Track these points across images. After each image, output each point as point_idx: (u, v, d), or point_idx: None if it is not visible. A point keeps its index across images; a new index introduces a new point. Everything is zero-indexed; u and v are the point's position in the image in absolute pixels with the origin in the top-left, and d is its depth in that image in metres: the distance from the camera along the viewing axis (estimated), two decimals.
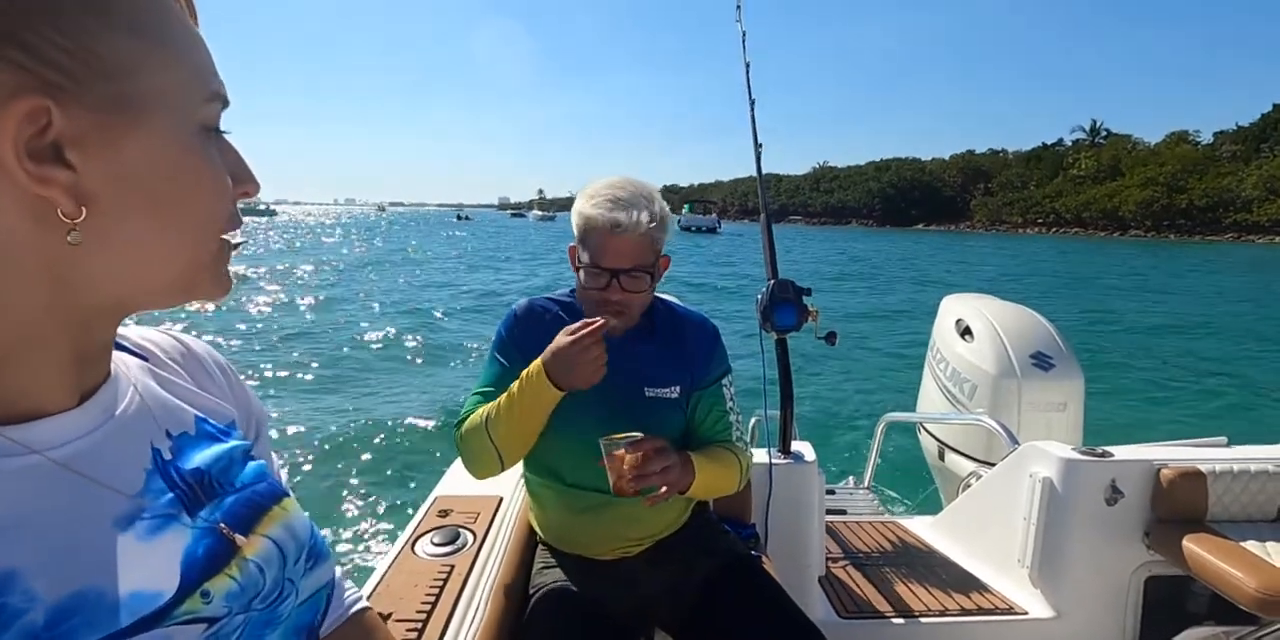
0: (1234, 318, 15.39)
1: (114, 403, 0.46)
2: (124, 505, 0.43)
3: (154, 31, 0.40)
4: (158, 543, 0.44)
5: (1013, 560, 2.10)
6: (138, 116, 0.39)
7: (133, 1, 0.39)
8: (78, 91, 0.36)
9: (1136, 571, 1.94)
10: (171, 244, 0.42)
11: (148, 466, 0.46)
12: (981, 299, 3.15)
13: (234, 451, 0.54)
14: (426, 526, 1.89)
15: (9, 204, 0.35)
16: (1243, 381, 8.94)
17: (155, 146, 0.40)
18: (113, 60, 0.38)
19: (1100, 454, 1.96)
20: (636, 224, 1.27)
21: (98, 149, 0.37)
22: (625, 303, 1.34)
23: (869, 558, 2.34)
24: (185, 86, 0.41)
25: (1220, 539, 1.75)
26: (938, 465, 3.05)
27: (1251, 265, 35.92)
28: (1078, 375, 2.73)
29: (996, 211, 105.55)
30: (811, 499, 2.11)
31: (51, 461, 0.41)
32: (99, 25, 0.37)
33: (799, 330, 2.36)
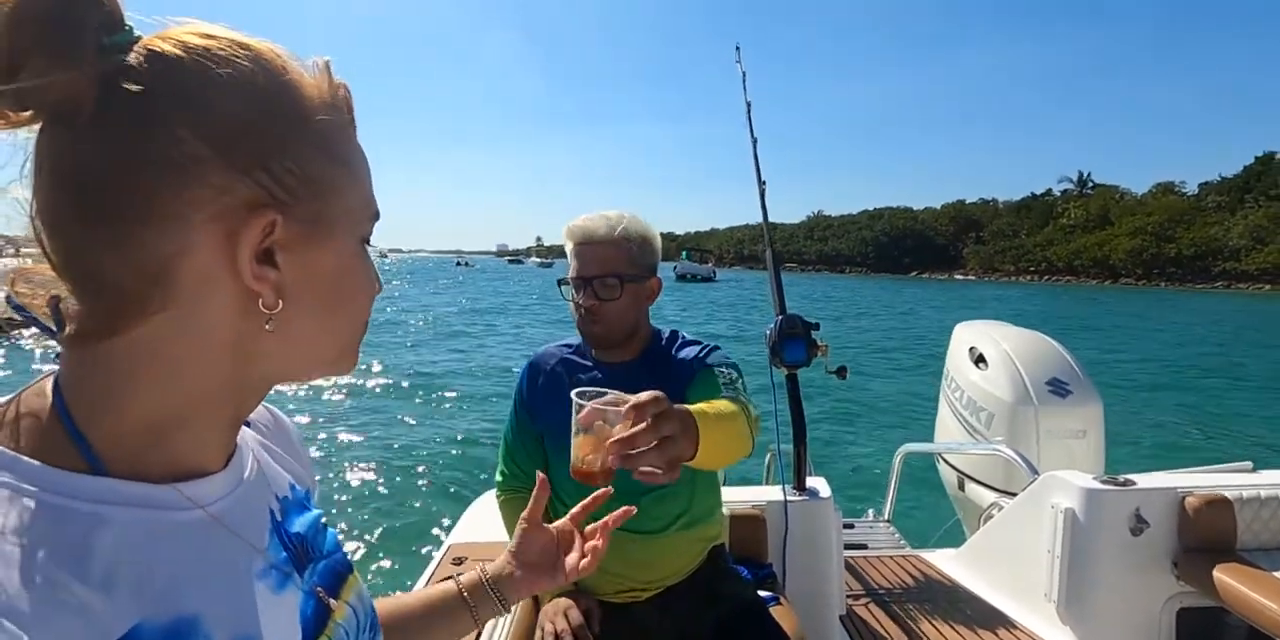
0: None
1: (243, 465, 0.52)
2: (258, 560, 0.49)
3: (346, 159, 0.48)
4: (284, 597, 0.50)
5: (1039, 594, 2.05)
6: (330, 229, 0.47)
7: (339, 133, 0.48)
8: (295, 207, 0.44)
9: (1168, 603, 1.89)
10: (335, 332, 0.50)
11: (269, 526, 0.52)
12: (994, 326, 3.14)
13: (317, 519, 0.60)
14: (442, 574, 1.86)
15: (225, 294, 0.43)
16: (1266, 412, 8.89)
17: (337, 254, 0.48)
18: (323, 183, 0.46)
19: (1122, 483, 1.94)
20: (602, 234, 1.40)
21: (299, 254, 0.45)
22: (598, 310, 1.41)
23: (891, 594, 2.28)
24: (361, 206, 0.50)
25: (1252, 569, 1.71)
26: (958, 496, 3.00)
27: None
28: (1096, 401, 2.69)
29: (989, 259, 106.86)
30: (829, 536, 2.08)
31: (211, 516, 0.46)
32: (319, 153, 0.46)
33: (809, 365, 2.36)
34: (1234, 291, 68.22)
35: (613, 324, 1.43)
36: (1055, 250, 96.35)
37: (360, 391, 9.48)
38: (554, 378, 1.52)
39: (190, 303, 0.42)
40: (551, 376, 1.52)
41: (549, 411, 1.48)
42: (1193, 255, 78.92)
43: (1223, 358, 15.65)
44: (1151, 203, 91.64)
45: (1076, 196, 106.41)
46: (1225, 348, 17.40)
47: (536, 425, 1.52)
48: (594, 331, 1.44)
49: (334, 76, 0.48)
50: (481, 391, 9.77)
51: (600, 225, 1.41)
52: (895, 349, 14.74)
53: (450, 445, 6.90)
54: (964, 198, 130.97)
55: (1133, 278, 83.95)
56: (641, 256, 1.43)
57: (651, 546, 1.45)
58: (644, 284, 1.43)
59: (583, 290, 1.41)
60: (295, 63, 0.46)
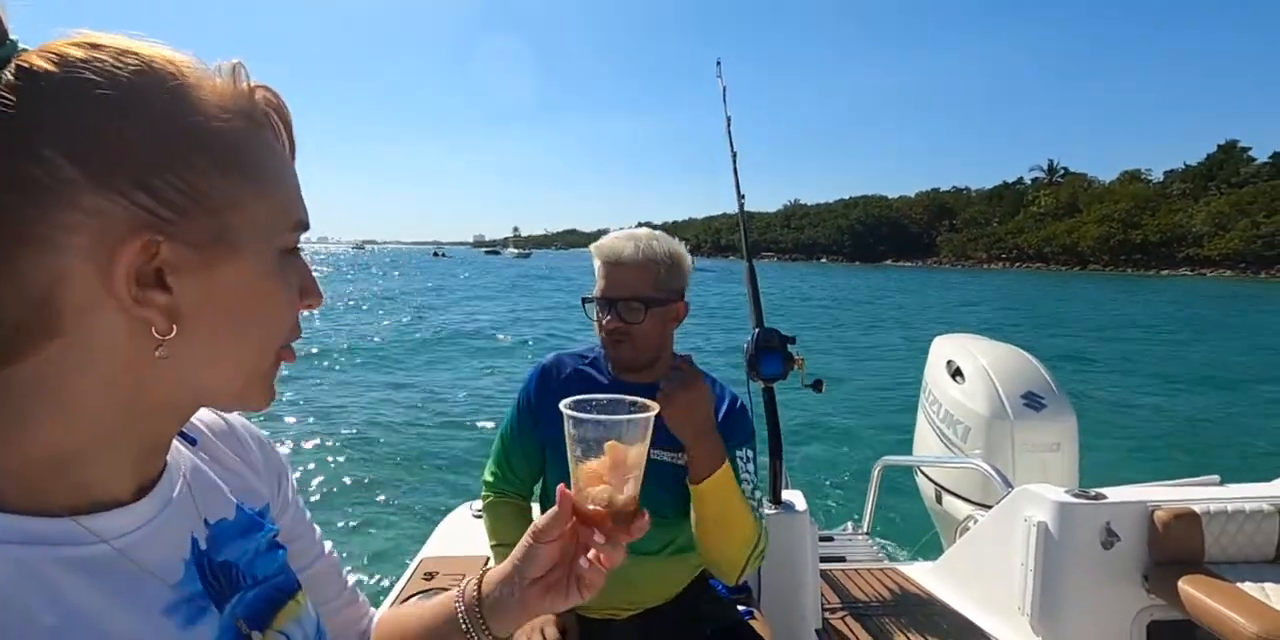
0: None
1: (169, 493, 0.50)
2: (167, 595, 0.46)
3: (253, 169, 0.45)
4: (194, 632, 0.47)
5: (1013, 607, 2.07)
6: (231, 246, 0.44)
7: (237, 143, 0.44)
8: (184, 226, 0.41)
9: (1138, 616, 1.92)
10: (241, 355, 0.46)
11: (186, 557, 0.49)
12: (971, 339, 3.16)
13: (261, 541, 0.57)
14: (412, 589, 1.82)
15: (111, 321, 0.41)
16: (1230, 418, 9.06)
17: (242, 272, 0.45)
18: (216, 198, 0.43)
19: (1093, 497, 1.96)
20: (629, 255, 1.37)
21: (193, 275, 0.42)
22: (623, 332, 1.38)
23: (868, 607, 2.29)
24: (274, 218, 0.46)
25: (1218, 581, 1.74)
26: (936, 508, 3.02)
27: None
28: (1069, 415, 2.73)
29: (962, 247, 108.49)
30: (804, 550, 2.08)
31: (116, 550, 0.44)
32: (208, 165, 0.42)
33: (785, 378, 2.36)
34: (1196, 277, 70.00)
35: (637, 347, 1.41)
36: (1026, 237, 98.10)
37: (316, 396, 9.30)
38: (566, 387, 1.47)
39: (77, 331, 0.40)
40: (564, 385, 1.48)
41: (556, 422, 1.43)
42: (1157, 241, 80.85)
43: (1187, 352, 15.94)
44: (1119, 190, 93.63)
45: (1047, 185, 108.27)
46: (1189, 344, 17.69)
47: (539, 433, 1.48)
48: (618, 354, 1.42)
49: (245, 81, 0.45)
50: (459, 401, 9.65)
51: (629, 246, 1.38)
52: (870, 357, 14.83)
53: (424, 455, 6.80)
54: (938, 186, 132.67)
55: (1100, 264, 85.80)
56: (669, 279, 1.41)
57: (642, 567, 1.43)
58: (670, 307, 1.41)
59: (608, 312, 1.39)
60: (194, 70, 0.43)
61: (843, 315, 24.25)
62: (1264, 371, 12.78)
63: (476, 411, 8.64)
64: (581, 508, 0.62)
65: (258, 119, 0.46)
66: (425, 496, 5.56)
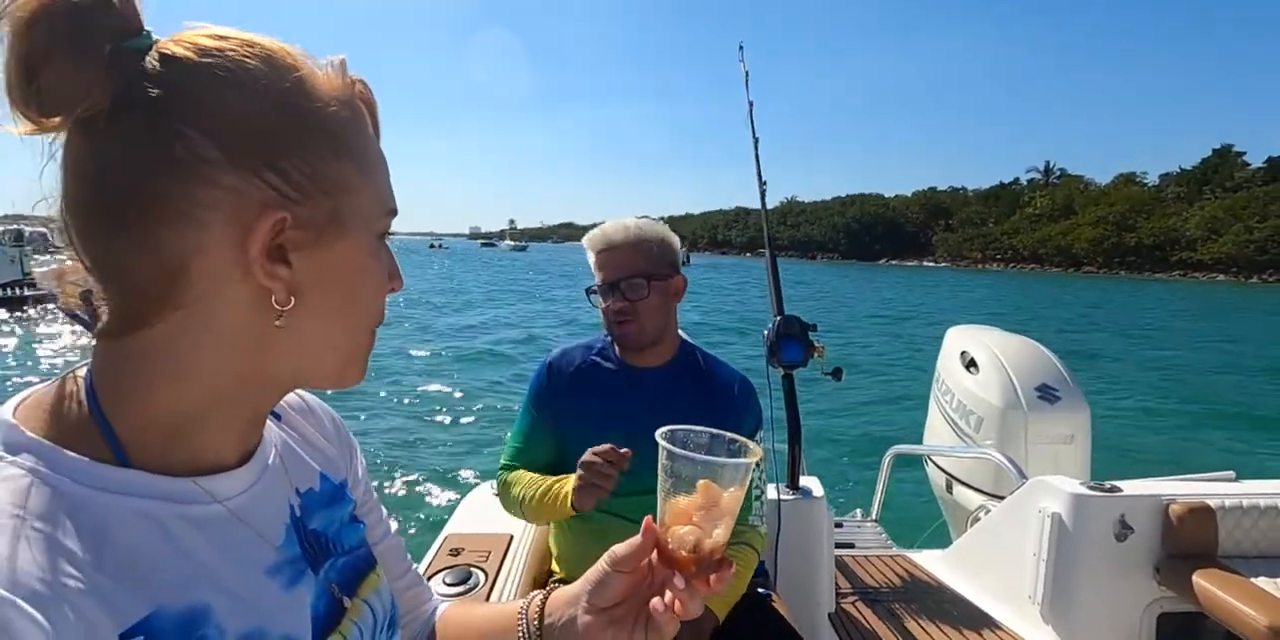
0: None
1: (264, 460, 0.53)
2: (272, 555, 0.50)
3: (360, 156, 0.48)
4: (295, 593, 0.50)
5: (1023, 596, 2.10)
6: (342, 228, 0.47)
7: (352, 131, 0.48)
8: (306, 206, 0.45)
9: (1149, 608, 1.94)
10: (344, 332, 0.49)
11: (286, 521, 0.53)
12: (986, 331, 3.17)
13: (345, 513, 0.61)
14: (438, 565, 1.84)
15: (236, 293, 0.44)
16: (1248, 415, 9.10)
17: (351, 252, 0.48)
18: (334, 181, 0.46)
19: (1109, 489, 1.98)
20: (620, 238, 1.44)
21: (311, 252, 0.45)
22: (630, 310, 1.44)
23: (879, 593, 2.32)
24: (375, 203, 0.49)
25: (1231, 575, 1.77)
26: (946, 498, 3.05)
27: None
28: (1084, 407, 2.74)
29: (957, 247, 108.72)
30: (821, 535, 2.10)
31: (229, 511, 0.48)
32: (329, 152, 0.46)
33: (805, 366, 2.38)
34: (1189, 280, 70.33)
35: (644, 324, 1.46)
36: (1021, 239, 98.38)
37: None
38: (578, 378, 1.53)
39: (206, 300, 0.43)
40: (575, 376, 1.53)
41: (572, 406, 1.49)
42: (1151, 245, 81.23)
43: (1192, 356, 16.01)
44: (1114, 193, 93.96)
45: (1043, 186, 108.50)
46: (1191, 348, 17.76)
47: (552, 428, 1.51)
48: (628, 331, 1.46)
49: (348, 74, 0.48)
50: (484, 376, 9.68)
51: (618, 230, 1.46)
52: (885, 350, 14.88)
53: (446, 431, 6.84)
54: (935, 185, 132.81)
55: (1094, 266, 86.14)
56: (663, 254, 1.47)
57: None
58: (670, 281, 1.47)
59: (611, 294, 1.45)
60: (307, 61, 0.46)
61: (852, 311, 24.38)
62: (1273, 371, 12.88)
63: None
64: (664, 546, 0.57)
65: (358, 110, 0.49)
66: (449, 474, 5.61)
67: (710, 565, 0.56)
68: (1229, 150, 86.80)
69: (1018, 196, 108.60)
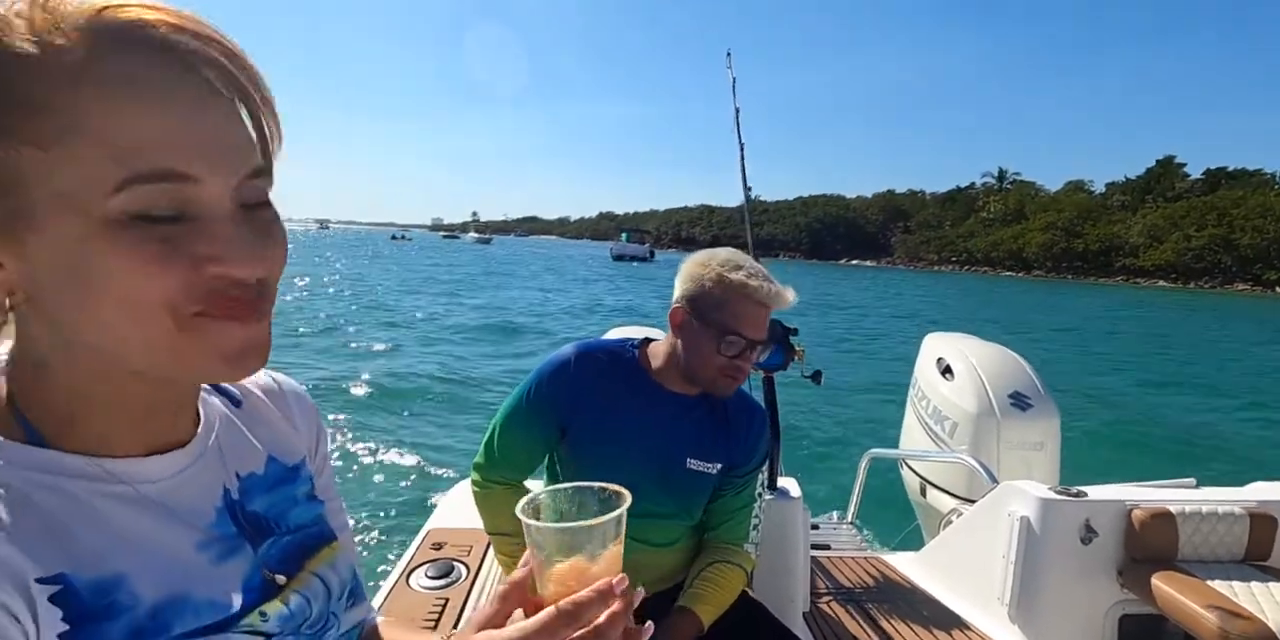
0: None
1: (201, 448, 0.55)
2: (199, 535, 0.51)
3: (50, 132, 0.38)
4: (226, 567, 0.52)
5: (992, 597, 2.16)
6: (30, 223, 0.40)
7: (33, 105, 0.38)
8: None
9: (1111, 609, 2.02)
10: (108, 326, 0.43)
11: (218, 505, 0.54)
12: (962, 338, 3.25)
13: (296, 493, 0.62)
14: (420, 559, 1.82)
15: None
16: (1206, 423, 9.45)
17: (55, 245, 0.41)
18: (3, 176, 0.39)
19: (1075, 494, 2.05)
20: (787, 301, 1.38)
21: (8, 252, 0.41)
22: (746, 371, 1.40)
23: (853, 594, 2.36)
24: (87, 183, 0.39)
25: (1189, 578, 1.85)
26: (920, 501, 3.12)
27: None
28: (1054, 415, 2.83)
29: (915, 249, 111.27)
30: (797, 535, 2.13)
31: (146, 494, 0.49)
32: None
33: (785, 369, 2.40)
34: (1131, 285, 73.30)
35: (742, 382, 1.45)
36: (975, 242, 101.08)
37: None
38: (606, 382, 1.45)
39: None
40: (604, 380, 1.46)
41: (592, 412, 1.43)
42: (1097, 250, 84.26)
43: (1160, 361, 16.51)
44: (1063, 199, 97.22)
45: (996, 191, 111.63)
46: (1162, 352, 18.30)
47: (570, 430, 1.45)
48: (728, 389, 1.43)
49: (49, 10, 0.38)
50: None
51: (788, 294, 1.39)
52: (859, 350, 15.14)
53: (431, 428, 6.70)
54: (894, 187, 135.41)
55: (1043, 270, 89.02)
56: None
57: (652, 558, 1.49)
58: None
59: (743, 352, 1.38)
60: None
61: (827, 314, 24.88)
62: (1233, 381, 13.42)
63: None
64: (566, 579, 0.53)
65: (53, 53, 0.38)
66: (432, 468, 5.58)
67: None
68: (1171, 161, 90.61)
69: (973, 200, 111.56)
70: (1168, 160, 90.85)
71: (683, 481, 1.46)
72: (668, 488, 1.45)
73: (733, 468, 1.51)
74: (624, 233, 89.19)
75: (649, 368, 1.48)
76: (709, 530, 1.55)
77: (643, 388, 1.47)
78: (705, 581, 1.44)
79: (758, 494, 1.59)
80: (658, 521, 1.48)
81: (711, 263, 1.40)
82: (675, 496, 1.46)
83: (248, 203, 0.45)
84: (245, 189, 0.45)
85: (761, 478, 1.69)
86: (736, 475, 1.52)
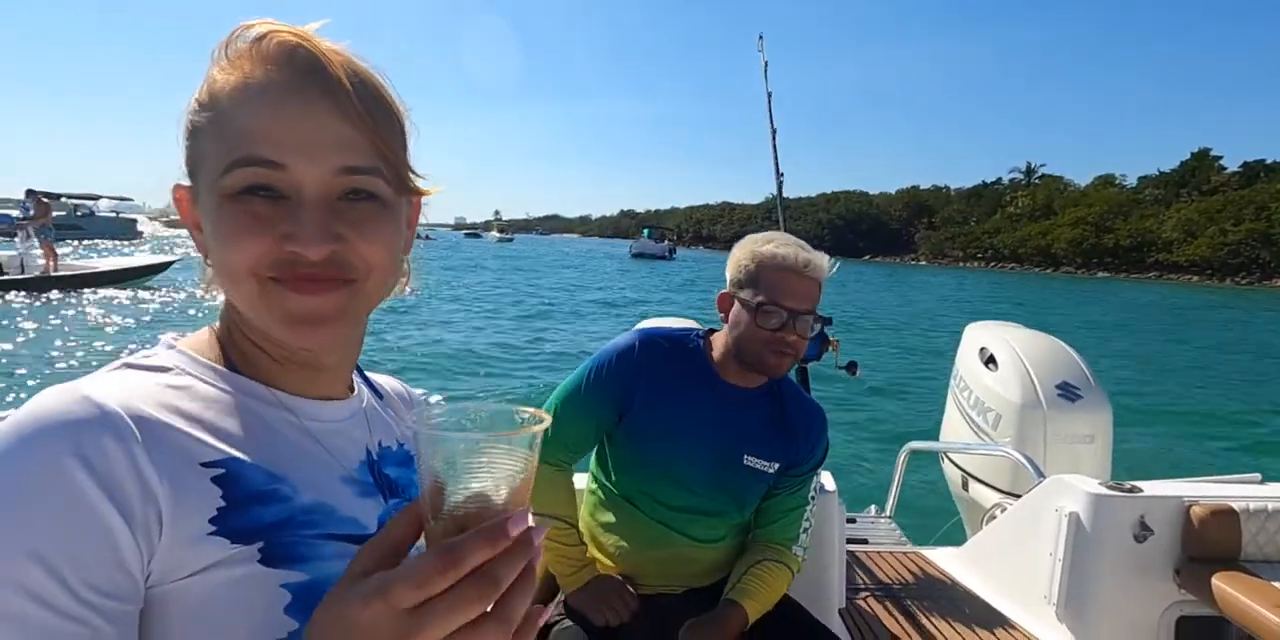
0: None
1: (355, 409, 0.66)
2: (344, 473, 0.60)
3: (207, 129, 0.53)
4: (365, 502, 0.60)
5: (1039, 596, 2.08)
6: (198, 195, 0.56)
7: (205, 110, 0.54)
8: (194, 181, 0.57)
9: (1167, 611, 1.93)
10: (225, 282, 0.55)
11: (363, 458, 0.63)
12: (1006, 327, 3.13)
13: (413, 476, 0.68)
14: None
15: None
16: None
17: (208, 216, 0.54)
18: (193, 159, 0.55)
19: (1129, 489, 1.96)
20: (821, 267, 1.34)
21: (201, 219, 0.57)
22: (795, 346, 1.34)
23: (891, 590, 2.29)
24: (213, 167, 0.52)
25: (1254, 579, 1.75)
26: (961, 495, 3.02)
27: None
28: (1105, 407, 2.71)
29: (939, 245, 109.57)
30: (832, 530, 2.08)
31: (304, 426, 0.59)
32: (189, 136, 0.56)
33: (819, 360, 2.35)
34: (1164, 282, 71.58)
35: (793, 361, 1.39)
36: (1002, 238, 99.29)
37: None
38: (671, 367, 1.43)
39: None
40: (669, 365, 1.43)
41: (655, 395, 1.40)
42: (1129, 246, 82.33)
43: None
44: (1093, 194, 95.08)
45: (1024, 186, 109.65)
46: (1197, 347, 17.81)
47: (629, 414, 1.42)
48: (780, 366, 1.37)
49: (239, 39, 0.53)
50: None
51: (822, 259, 1.35)
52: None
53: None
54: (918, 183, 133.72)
55: (1073, 266, 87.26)
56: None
57: (701, 553, 1.47)
58: None
59: (788, 323, 1.32)
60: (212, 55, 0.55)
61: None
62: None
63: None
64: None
65: (223, 84, 0.53)
66: None
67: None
68: (1206, 154, 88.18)
69: (999, 196, 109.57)
70: (1203, 153, 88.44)
71: (738, 478, 1.43)
72: (721, 483, 1.42)
73: (790, 467, 1.47)
74: (645, 230, 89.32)
75: (711, 358, 1.45)
76: (758, 528, 1.52)
77: (704, 378, 1.44)
78: (754, 578, 1.41)
79: (810, 497, 1.54)
80: (706, 519, 1.44)
81: (747, 243, 1.40)
82: (728, 492, 1.43)
83: (345, 194, 0.53)
84: (340, 182, 0.53)
85: (816, 480, 1.65)
86: (793, 475, 1.49)
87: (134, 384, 0.52)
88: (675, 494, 1.41)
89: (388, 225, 0.56)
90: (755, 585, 1.39)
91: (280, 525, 0.52)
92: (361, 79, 0.55)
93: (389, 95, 0.57)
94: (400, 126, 0.58)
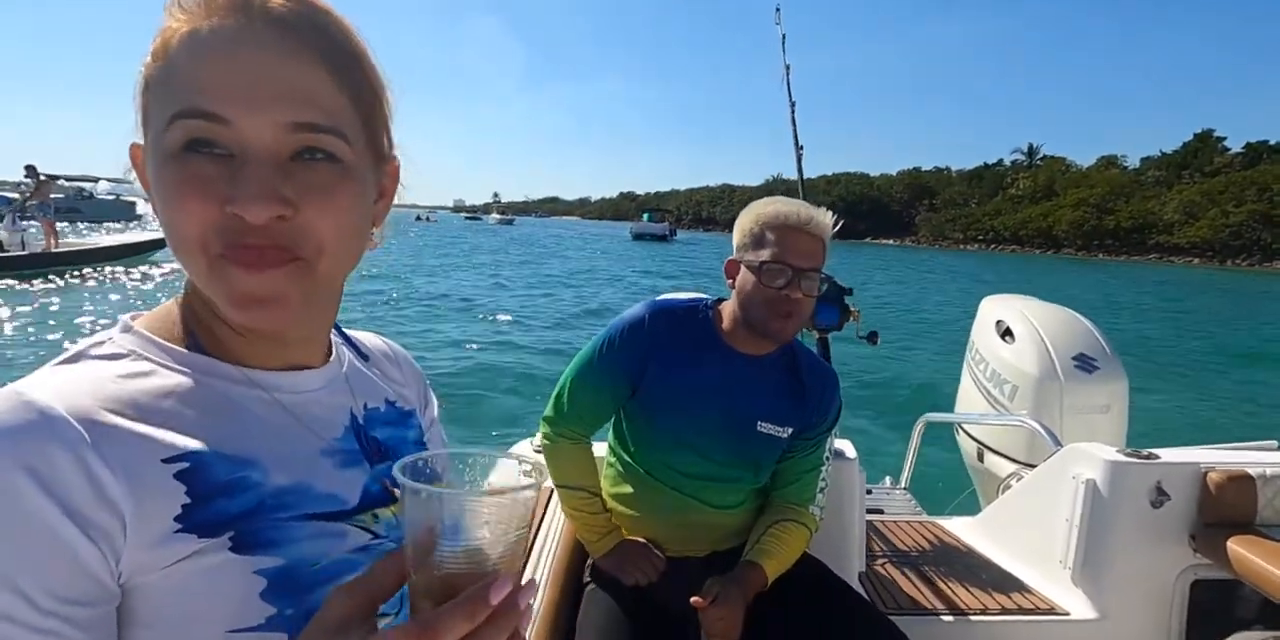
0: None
1: (332, 375, 0.63)
2: (323, 444, 0.58)
3: (155, 81, 0.48)
4: (347, 473, 0.59)
5: (1054, 561, 2.12)
6: (148, 152, 0.50)
7: (159, 63, 0.48)
8: (144, 136, 0.51)
9: (1182, 574, 1.97)
10: (177, 255, 0.50)
11: (346, 423, 0.61)
12: (1022, 300, 3.14)
13: (407, 435, 0.69)
14: None
15: None
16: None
17: (153, 173, 0.49)
18: (146, 113, 0.50)
19: (1145, 456, 1.98)
20: (824, 224, 1.33)
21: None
22: (799, 306, 1.33)
23: (908, 557, 2.33)
24: (158, 120, 0.47)
25: (1270, 542, 1.77)
26: (976, 466, 3.05)
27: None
28: (1121, 377, 2.73)
29: (940, 227, 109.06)
30: (853, 496, 2.11)
31: (276, 400, 0.57)
32: (143, 90, 0.50)
33: (840, 329, 2.37)
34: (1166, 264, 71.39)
35: (799, 323, 1.37)
36: (1003, 220, 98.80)
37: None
38: (682, 336, 1.43)
39: None
40: (681, 334, 1.43)
41: (667, 366, 1.41)
42: (1130, 228, 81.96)
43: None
44: (1095, 175, 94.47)
45: (1026, 168, 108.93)
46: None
47: (643, 386, 1.43)
48: (789, 326, 1.35)
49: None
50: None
51: (825, 216, 1.35)
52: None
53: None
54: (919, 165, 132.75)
55: (1074, 248, 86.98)
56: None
57: (721, 518, 1.49)
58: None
59: (793, 282, 1.31)
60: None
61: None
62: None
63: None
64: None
65: (171, 34, 0.48)
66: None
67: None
68: (1209, 134, 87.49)
69: (1001, 177, 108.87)
70: (1206, 134, 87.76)
71: (752, 444, 1.45)
72: (737, 450, 1.44)
73: (803, 430, 1.49)
74: (645, 213, 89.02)
75: (720, 327, 1.46)
76: (774, 490, 1.54)
77: (715, 346, 1.44)
78: (772, 538, 1.43)
79: (825, 458, 1.56)
80: (723, 485, 1.47)
81: (751, 207, 1.41)
82: (744, 459, 1.46)
83: (298, 153, 0.48)
84: (293, 139, 0.47)
85: (830, 442, 1.67)
86: (806, 438, 1.50)
87: (82, 378, 0.48)
88: (691, 463, 1.43)
89: (347, 193, 0.50)
90: (773, 545, 1.42)
91: (249, 514, 0.50)
92: (331, 29, 0.49)
93: (361, 50, 0.52)
94: (372, 84, 0.53)
